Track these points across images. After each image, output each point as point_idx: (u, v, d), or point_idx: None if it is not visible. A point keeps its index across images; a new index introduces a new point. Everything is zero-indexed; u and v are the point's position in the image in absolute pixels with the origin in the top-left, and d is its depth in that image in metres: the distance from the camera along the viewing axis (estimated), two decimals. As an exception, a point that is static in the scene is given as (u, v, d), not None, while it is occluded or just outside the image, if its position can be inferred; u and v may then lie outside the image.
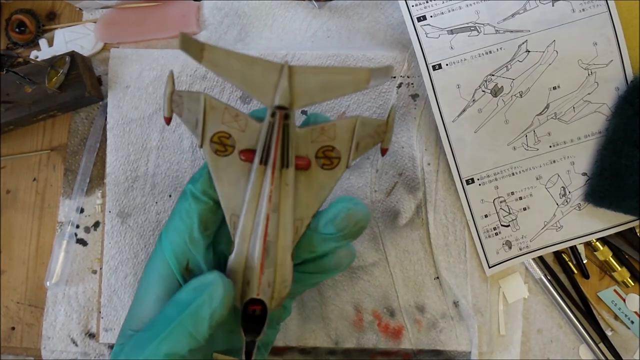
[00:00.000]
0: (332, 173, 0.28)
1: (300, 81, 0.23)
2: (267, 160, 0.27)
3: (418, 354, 0.42)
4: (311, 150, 0.28)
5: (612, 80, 0.42)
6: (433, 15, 0.41)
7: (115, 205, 0.42)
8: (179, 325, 0.26)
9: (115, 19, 0.45)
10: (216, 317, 0.26)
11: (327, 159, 0.28)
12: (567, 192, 0.43)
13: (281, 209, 0.27)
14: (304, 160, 0.28)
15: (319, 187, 0.28)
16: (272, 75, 0.23)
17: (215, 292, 0.26)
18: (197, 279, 0.27)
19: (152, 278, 0.29)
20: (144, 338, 0.27)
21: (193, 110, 0.27)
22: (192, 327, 0.26)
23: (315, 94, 0.23)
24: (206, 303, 0.26)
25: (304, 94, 0.23)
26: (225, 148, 0.28)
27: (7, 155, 0.44)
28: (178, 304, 0.27)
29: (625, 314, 0.43)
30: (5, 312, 0.42)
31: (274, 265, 0.28)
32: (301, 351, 0.42)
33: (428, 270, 0.42)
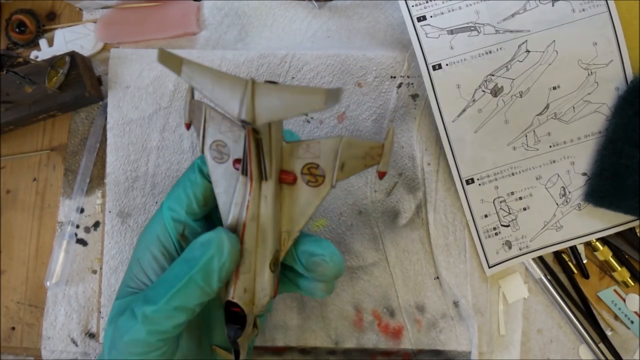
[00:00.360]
0: (318, 191, 0.28)
1: (261, 98, 0.23)
2: (246, 172, 0.27)
3: (418, 354, 0.42)
4: (297, 165, 0.28)
5: (612, 80, 0.42)
6: (433, 15, 0.41)
7: (116, 205, 0.42)
8: (189, 281, 0.26)
9: (115, 19, 0.45)
10: (225, 269, 0.27)
11: (312, 175, 0.28)
12: (567, 192, 0.43)
13: (260, 220, 0.28)
14: (290, 176, 0.28)
15: (305, 204, 0.29)
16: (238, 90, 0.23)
17: (223, 245, 0.27)
18: (203, 236, 0.28)
19: (150, 239, 0.31)
20: (153, 295, 0.27)
21: (198, 119, 0.29)
22: (203, 281, 0.26)
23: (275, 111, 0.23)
24: (215, 257, 0.26)
25: (264, 110, 0.23)
26: (222, 156, 0.29)
27: (7, 155, 0.44)
28: (188, 261, 0.27)
29: (625, 314, 0.43)
30: (5, 312, 0.42)
31: (251, 273, 0.28)
32: (301, 351, 0.42)
33: (428, 270, 0.42)
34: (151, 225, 0.31)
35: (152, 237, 0.31)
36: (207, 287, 0.27)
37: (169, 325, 0.26)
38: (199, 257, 0.27)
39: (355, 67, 0.43)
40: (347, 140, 0.28)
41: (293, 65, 0.43)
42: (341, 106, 0.43)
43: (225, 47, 0.45)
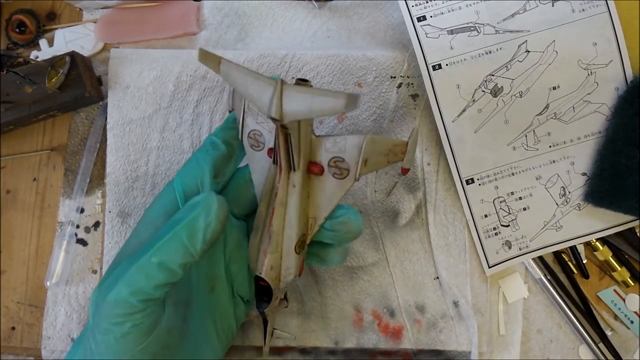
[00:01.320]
0: (342, 183, 0.30)
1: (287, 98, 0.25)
2: (276, 162, 0.30)
3: (418, 354, 0.42)
4: (325, 158, 0.30)
5: (611, 80, 0.42)
6: (433, 16, 0.41)
7: (116, 205, 0.42)
8: (173, 237, 0.26)
9: (115, 19, 0.45)
10: (211, 229, 0.27)
11: (337, 168, 0.30)
12: (567, 192, 0.43)
13: (288, 206, 0.30)
14: (318, 167, 0.30)
15: (331, 194, 0.31)
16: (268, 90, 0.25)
17: (210, 205, 0.27)
18: (192, 199, 0.28)
19: (155, 212, 0.30)
20: (135, 255, 0.27)
21: (238, 108, 0.32)
22: (187, 238, 0.26)
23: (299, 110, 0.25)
24: (201, 215, 0.26)
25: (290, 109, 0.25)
26: (258, 144, 0.31)
27: (7, 155, 0.44)
28: (173, 222, 0.27)
29: (625, 314, 0.43)
30: (5, 312, 0.42)
31: (278, 252, 0.31)
32: (301, 351, 0.42)
33: (428, 270, 0.42)
34: (159, 201, 0.31)
35: (159, 210, 0.30)
36: (190, 245, 0.26)
37: (150, 284, 0.26)
38: (185, 216, 0.27)
39: (355, 67, 0.43)
40: (371, 138, 0.29)
41: (293, 65, 0.43)
42: (341, 106, 0.43)
43: (225, 47, 0.45)
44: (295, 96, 0.25)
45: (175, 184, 0.31)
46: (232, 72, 0.26)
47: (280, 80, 0.25)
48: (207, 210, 0.27)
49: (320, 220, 0.31)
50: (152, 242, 0.27)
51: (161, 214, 0.30)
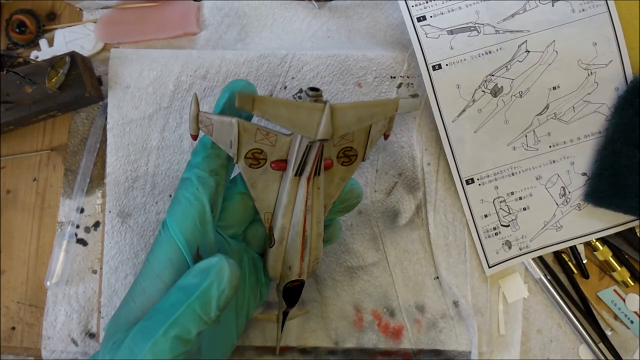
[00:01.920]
0: (351, 167, 0.33)
1: (339, 117, 0.27)
2: (302, 173, 0.30)
3: (418, 354, 0.42)
4: (333, 152, 0.32)
5: (611, 80, 0.42)
6: (433, 16, 0.41)
7: (116, 205, 0.42)
8: (187, 309, 0.26)
9: (115, 19, 0.45)
10: (224, 297, 0.26)
11: (346, 157, 0.32)
12: (567, 192, 0.43)
13: (314, 208, 0.31)
14: (328, 162, 0.32)
15: (340, 179, 0.33)
16: (315, 115, 0.27)
17: (222, 272, 0.26)
18: (200, 263, 0.27)
19: (159, 265, 0.29)
20: (147, 326, 0.26)
21: (227, 132, 0.30)
22: (201, 309, 0.26)
23: (352, 125, 0.27)
24: (214, 284, 0.26)
25: (343, 126, 0.27)
26: (258, 162, 0.31)
27: (7, 155, 0.44)
28: (184, 289, 0.27)
29: (625, 314, 0.43)
30: (5, 312, 0.42)
31: (309, 251, 0.33)
32: (301, 351, 0.42)
33: (428, 270, 0.42)
34: (158, 251, 0.29)
35: (162, 263, 0.28)
36: (204, 315, 0.26)
37: (167, 358, 0.25)
38: (197, 285, 0.26)
39: (355, 67, 0.43)
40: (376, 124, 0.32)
41: (293, 65, 0.43)
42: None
43: (225, 47, 0.45)
44: (348, 113, 0.27)
45: (174, 232, 0.29)
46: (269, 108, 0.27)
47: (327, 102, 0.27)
48: (220, 278, 0.26)
49: (330, 206, 0.33)
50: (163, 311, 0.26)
51: (167, 266, 0.28)
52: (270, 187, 0.32)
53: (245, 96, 0.26)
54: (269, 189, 0.32)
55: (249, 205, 0.32)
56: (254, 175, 0.31)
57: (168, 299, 0.27)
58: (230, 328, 0.33)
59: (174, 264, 0.28)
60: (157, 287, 0.28)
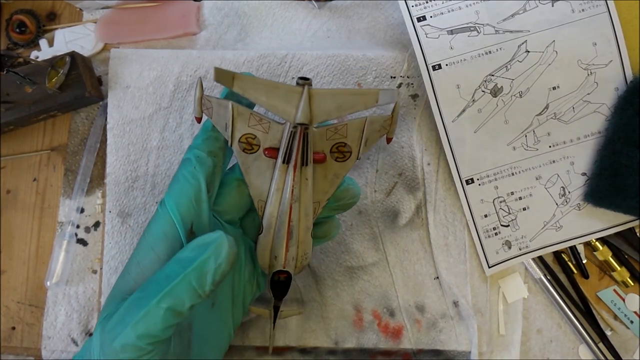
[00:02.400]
0: (345, 164, 0.32)
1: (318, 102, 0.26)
2: (289, 161, 0.31)
3: (418, 354, 0.42)
4: (326, 146, 0.32)
5: (611, 80, 0.42)
6: (433, 16, 0.42)
7: (116, 205, 0.42)
8: (183, 280, 0.26)
9: (115, 19, 0.45)
10: (220, 272, 0.27)
11: (340, 153, 0.32)
12: (567, 192, 0.43)
13: (302, 199, 0.31)
14: (320, 156, 0.32)
15: (334, 176, 0.32)
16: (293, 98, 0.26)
17: (221, 247, 0.27)
18: (200, 238, 0.28)
19: (154, 239, 0.29)
20: (141, 297, 0.26)
21: (222, 115, 0.31)
22: (196, 281, 0.26)
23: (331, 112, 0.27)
24: (212, 258, 0.26)
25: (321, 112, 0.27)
26: (252, 147, 0.32)
27: (7, 155, 0.44)
28: (180, 261, 0.27)
29: (625, 314, 0.43)
30: (5, 312, 0.42)
31: (296, 244, 0.32)
32: (301, 351, 0.42)
33: (428, 270, 0.42)
34: (154, 226, 0.30)
35: (157, 236, 0.29)
36: (199, 288, 0.26)
37: (158, 328, 0.26)
38: (194, 258, 0.26)
39: (355, 67, 0.43)
40: (370, 119, 0.31)
41: (293, 66, 0.43)
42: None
43: (225, 47, 0.45)
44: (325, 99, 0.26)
45: (170, 207, 0.30)
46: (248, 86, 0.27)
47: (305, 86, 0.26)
48: (218, 252, 0.27)
49: (324, 202, 0.33)
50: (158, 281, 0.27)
51: (161, 240, 0.29)
52: (263, 174, 0.32)
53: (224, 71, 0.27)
54: (262, 176, 0.32)
55: (245, 193, 0.33)
56: (248, 160, 0.32)
57: (164, 271, 0.27)
58: (226, 316, 0.34)
59: (168, 238, 0.29)
60: (151, 260, 0.29)
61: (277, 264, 0.33)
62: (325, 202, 0.33)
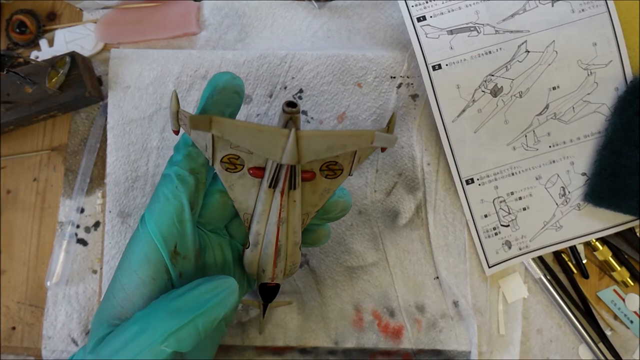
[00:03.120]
0: (336, 180, 0.31)
1: (307, 144, 0.25)
2: (275, 186, 0.29)
3: (418, 354, 0.42)
4: (316, 165, 0.30)
5: (611, 80, 0.42)
6: (433, 16, 0.42)
7: (116, 205, 0.42)
8: (190, 323, 0.26)
9: (115, 19, 0.45)
10: (223, 317, 0.27)
11: (330, 170, 0.31)
12: (567, 192, 0.43)
13: (289, 219, 0.30)
14: (310, 174, 0.30)
15: (324, 191, 0.31)
16: (279, 140, 0.25)
17: (231, 296, 0.27)
18: (214, 281, 0.28)
19: (136, 262, 0.28)
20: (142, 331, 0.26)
21: (202, 136, 0.29)
22: (203, 326, 0.26)
23: (321, 152, 0.26)
24: (221, 305, 0.27)
25: (310, 153, 0.25)
26: (235, 166, 0.30)
27: (8, 155, 0.44)
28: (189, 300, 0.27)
29: (625, 314, 0.43)
30: (5, 312, 0.43)
31: (285, 259, 0.32)
32: (301, 351, 0.42)
33: (428, 270, 0.42)
34: (135, 248, 0.29)
35: (139, 259, 0.28)
36: (203, 332, 0.26)
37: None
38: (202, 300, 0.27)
39: (355, 67, 0.43)
40: None
41: (293, 66, 0.43)
42: (341, 106, 0.43)
43: (225, 48, 0.45)
44: (314, 141, 0.25)
45: (151, 229, 0.29)
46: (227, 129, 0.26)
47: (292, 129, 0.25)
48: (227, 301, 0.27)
49: (313, 214, 0.32)
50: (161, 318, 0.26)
51: (144, 263, 0.28)
52: (248, 191, 0.31)
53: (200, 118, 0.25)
54: (248, 192, 0.31)
55: (228, 204, 0.32)
56: (231, 178, 0.30)
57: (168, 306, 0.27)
58: None
59: (151, 261, 0.28)
60: (135, 284, 0.28)
61: (265, 277, 0.33)
62: (315, 213, 0.32)
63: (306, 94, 0.43)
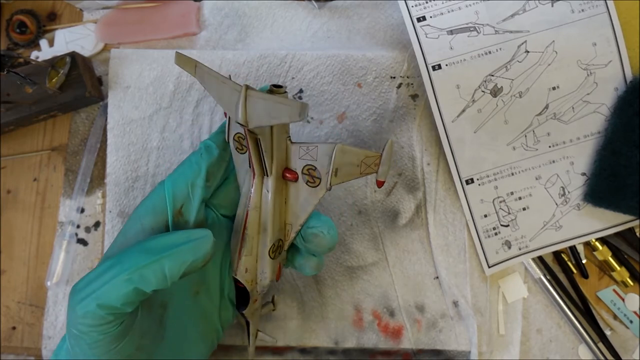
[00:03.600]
0: (315, 191, 0.30)
1: (251, 104, 0.25)
2: (250, 166, 0.30)
3: (418, 354, 0.42)
4: (299, 165, 0.30)
5: (611, 80, 0.42)
6: (433, 16, 0.42)
7: (116, 205, 0.42)
8: (156, 262, 0.26)
9: (115, 20, 0.45)
10: (193, 266, 0.27)
11: (310, 176, 0.30)
12: (567, 192, 0.43)
13: (262, 211, 0.30)
14: (292, 174, 0.30)
15: (304, 201, 0.30)
16: (235, 96, 0.26)
17: (204, 244, 0.27)
18: (190, 230, 0.28)
19: (144, 210, 0.30)
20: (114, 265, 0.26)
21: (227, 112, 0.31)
22: (168, 268, 0.26)
23: (262, 117, 0.25)
24: (191, 251, 0.27)
25: (254, 115, 0.26)
26: (242, 147, 0.31)
27: (8, 155, 0.44)
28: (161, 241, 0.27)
29: (625, 314, 0.43)
30: (5, 312, 0.43)
31: (253, 255, 0.31)
32: (301, 351, 0.42)
33: (428, 270, 0.42)
34: (148, 198, 0.30)
35: (146, 208, 0.30)
36: (169, 276, 0.26)
37: (119, 301, 0.25)
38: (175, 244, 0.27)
39: (355, 67, 0.43)
40: (341, 148, 0.28)
41: (293, 66, 0.43)
42: (341, 106, 0.43)
43: (225, 48, 0.45)
44: (257, 102, 0.25)
45: (166, 185, 0.30)
46: (205, 77, 0.27)
47: (245, 85, 0.25)
48: (199, 248, 0.27)
49: (296, 227, 0.31)
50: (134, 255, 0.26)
51: (149, 212, 0.30)
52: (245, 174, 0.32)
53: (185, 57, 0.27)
54: (245, 176, 0.32)
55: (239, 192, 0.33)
56: (239, 159, 0.32)
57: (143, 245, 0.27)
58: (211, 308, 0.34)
59: (157, 212, 0.30)
60: (136, 230, 0.29)
61: (232, 268, 0.32)
62: (298, 227, 0.31)
63: (306, 94, 0.43)
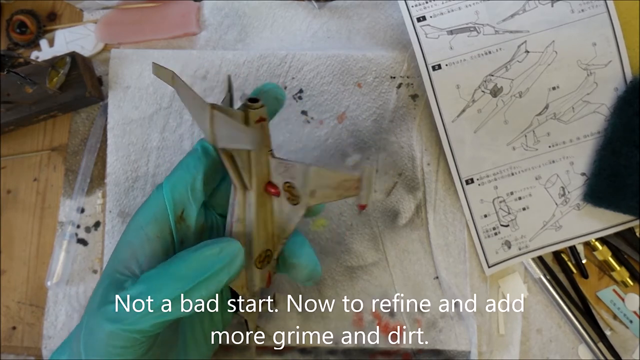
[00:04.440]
0: (296, 209, 0.29)
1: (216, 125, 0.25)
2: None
3: (418, 354, 0.42)
4: (279, 181, 0.29)
5: (611, 80, 0.42)
6: (433, 16, 0.42)
7: (116, 205, 0.42)
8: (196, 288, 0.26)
9: (115, 20, 0.45)
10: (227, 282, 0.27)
11: (291, 194, 0.29)
12: (566, 192, 0.43)
13: (246, 223, 0.30)
14: (274, 189, 0.29)
15: (287, 217, 0.30)
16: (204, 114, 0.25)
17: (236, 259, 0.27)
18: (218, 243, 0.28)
19: (144, 219, 0.29)
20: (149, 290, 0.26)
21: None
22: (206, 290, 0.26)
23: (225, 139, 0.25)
24: (226, 270, 0.27)
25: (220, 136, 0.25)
26: None
27: (8, 155, 0.44)
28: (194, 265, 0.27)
29: (624, 314, 0.43)
30: (6, 312, 0.43)
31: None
32: (301, 351, 0.42)
33: (428, 270, 0.42)
34: (147, 206, 0.30)
35: (147, 218, 0.29)
36: (207, 297, 0.27)
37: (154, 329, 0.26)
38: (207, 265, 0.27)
39: (355, 67, 0.43)
40: (316, 170, 0.27)
41: (293, 66, 0.43)
42: (341, 106, 0.43)
43: (225, 48, 0.45)
44: (222, 125, 0.25)
45: (165, 190, 0.30)
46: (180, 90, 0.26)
47: (209, 105, 0.24)
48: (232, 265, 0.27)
49: (282, 240, 0.31)
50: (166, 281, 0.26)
51: (150, 220, 0.29)
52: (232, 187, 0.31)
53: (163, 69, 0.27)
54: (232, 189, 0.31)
55: None
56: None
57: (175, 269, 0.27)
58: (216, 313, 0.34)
59: (158, 220, 0.29)
60: (141, 240, 0.29)
61: None
62: (284, 240, 0.31)
63: (306, 94, 0.43)
